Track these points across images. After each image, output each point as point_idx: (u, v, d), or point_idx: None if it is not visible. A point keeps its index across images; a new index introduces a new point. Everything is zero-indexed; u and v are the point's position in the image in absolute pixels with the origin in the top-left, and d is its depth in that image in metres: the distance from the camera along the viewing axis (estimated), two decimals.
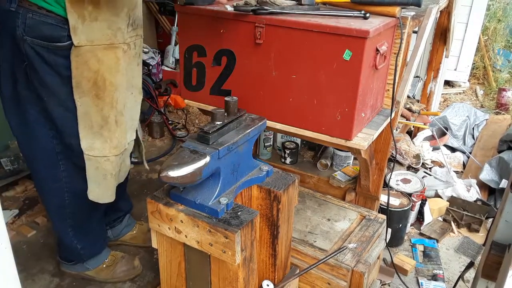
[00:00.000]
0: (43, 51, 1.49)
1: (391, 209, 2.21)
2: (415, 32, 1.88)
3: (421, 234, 2.52)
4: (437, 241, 2.46)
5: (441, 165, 3.07)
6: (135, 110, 1.77)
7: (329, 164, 2.30)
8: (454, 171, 3.07)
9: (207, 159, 1.17)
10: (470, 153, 3.29)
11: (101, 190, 1.72)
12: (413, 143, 3.08)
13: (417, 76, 3.44)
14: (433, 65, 3.06)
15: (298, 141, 2.40)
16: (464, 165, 3.21)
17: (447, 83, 4.73)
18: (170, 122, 3.66)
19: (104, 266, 2.07)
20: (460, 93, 4.77)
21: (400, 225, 2.33)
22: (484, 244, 1.61)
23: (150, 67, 3.95)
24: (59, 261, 2.09)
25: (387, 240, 1.91)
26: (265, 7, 1.46)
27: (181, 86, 1.74)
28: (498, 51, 5.12)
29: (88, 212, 1.88)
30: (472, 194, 2.74)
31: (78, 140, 1.62)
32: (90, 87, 1.54)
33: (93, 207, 1.83)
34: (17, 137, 1.73)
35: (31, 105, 1.61)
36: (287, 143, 2.33)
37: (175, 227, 1.27)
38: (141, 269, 2.14)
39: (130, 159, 1.90)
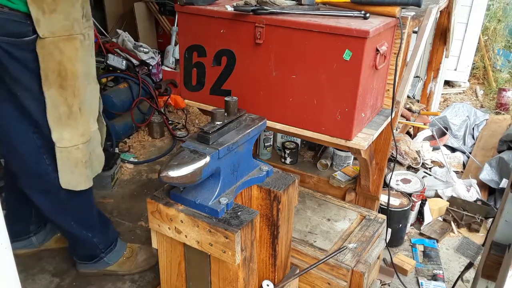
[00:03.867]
0: (10, 48, 1.52)
1: (391, 209, 2.21)
2: (415, 32, 1.88)
3: (421, 234, 2.52)
4: (437, 241, 2.46)
5: (441, 165, 3.07)
6: (94, 99, 1.81)
7: (329, 164, 2.30)
8: (454, 171, 3.07)
9: (207, 159, 1.17)
10: (470, 153, 3.29)
11: (74, 178, 1.76)
12: (413, 143, 3.08)
13: (417, 76, 3.44)
14: (433, 65, 3.06)
15: (298, 141, 2.40)
16: (464, 165, 3.21)
17: (447, 83, 4.74)
18: (170, 122, 3.66)
19: (124, 258, 2.09)
20: (460, 93, 4.78)
21: (400, 225, 2.33)
22: (483, 244, 1.61)
23: (150, 67, 3.95)
24: (78, 262, 2.09)
25: (387, 240, 1.91)
26: (265, 7, 1.46)
27: (181, 86, 1.74)
28: (498, 51, 5.12)
29: (88, 200, 1.91)
30: (472, 194, 2.74)
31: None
32: (55, 78, 1.59)
33: (91, 194, 1.89)
34: None
35: (6, 104, 1.62)
36: (287, 143, 2.33)
37: (175, 227, 1.27)
38: None
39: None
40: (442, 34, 2.87)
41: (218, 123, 1.26)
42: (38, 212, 2.09)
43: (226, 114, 1.31)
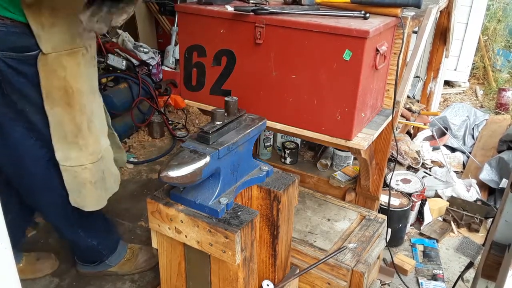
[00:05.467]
0: (15, 63, 1.43)
1: (391, 209, 2.21)
2: (415, 32, 1.88)
3: (421, 234, 2.52)
4: (437, 241, 2.46)
5: (441, 165, 3.07)
6: (101, 114, 1.72)
7: (329, 164, 2.30)
8: (454, 171, 3.07)
9: (207, 159, 1.17)
10: (470, 153, 3.29)
11: (82, 199, 1.69)
12: (413, 143, 3.08)
13: (417, 76, 3.44)
14: (433, 65, 3.06)
15: (298, 141, 2.40)
16: (464, 165, 3.21)
17: (447, 83, 4.74)
18: (170, 122, 3.66)
19: (125, 260, 2.09)
20: (460, 93, 4.78)
21: (400, 225, 2.33)
22: (483, 244, 1.61)
23: (150, 67, 3.95)
24: (78, 263, 2.08)
25: (387, 240, 1.91)
26: (265, 7, 1.46)
27: (181, 86, 1.74)
28: (498, 51, 5.12)
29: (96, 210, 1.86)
30: (472, 194, 2.74)
31: None
32: (61, 96, 1.49)
33: None
34: (2, 162, 1.67)
35: (14, 121, 1.55)
36: (287, 143, 2.33)
37: (175, 227, 1.27)
38: None
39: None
40: (442, 34, 2.87)
41: (218, 123, 1.26)
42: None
43: (226, 114, 1.31)
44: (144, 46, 4.07)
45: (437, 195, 2.80)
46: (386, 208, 2.04)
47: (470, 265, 1.63)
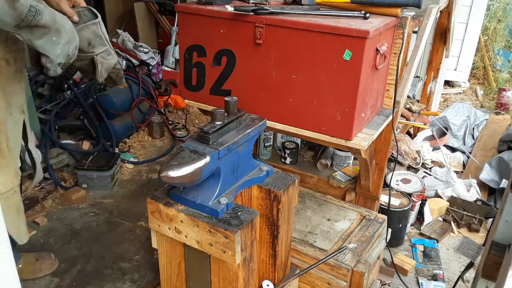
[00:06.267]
0: None
1: (391, 209, 2.21)
2: (415, 32, 1.88)
3: (421, 234, 2.52)
4: (437, 241, 2.46)
5: (441, 165, 3.07)
6: (17, 132, 1.51)
7: (329, 164, 2.30)
8: (454, 171, 3.07)
9: (207, 159, 1.17)
10: (470, 153, 3.29)
11: (21, 230, 1.51)
12: (413, 143, 3.08)
13: (417, 76, 3.44)
14: (433, 65, 3.06)
15: (298, 141, 2.40)
16: (464, 165, 3.21)
17: (447, 83, 4.74)
18: (170, 122, 3.66)
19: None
20: (460, 93, 4.78)
21: (400, 225, 2.33)
22: (484, 244, 1.61)
23: (150, 67, 3.96)
24: None
25: (387, 240, 1.91)
26: (265, 7, 1.46)
27: (181, 86, 1.74)
28: (498, 51, 5.12)
29: None
30: (472, 194, 2.74)
31: None
32: None
33: None
34: None
35: None
36: (287, 143, 2.33)
37: (175, 227, 1.27)
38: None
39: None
40: (442, 34, 2.87)
41: (218, 123, 1.26)
42: None
43: (226, 114, 1.31)
44: (144, 46, 4.08)
45: (437, 195, 2.80)
46: (386, 208, 2.04)
47: (470, 265, 1.63)
